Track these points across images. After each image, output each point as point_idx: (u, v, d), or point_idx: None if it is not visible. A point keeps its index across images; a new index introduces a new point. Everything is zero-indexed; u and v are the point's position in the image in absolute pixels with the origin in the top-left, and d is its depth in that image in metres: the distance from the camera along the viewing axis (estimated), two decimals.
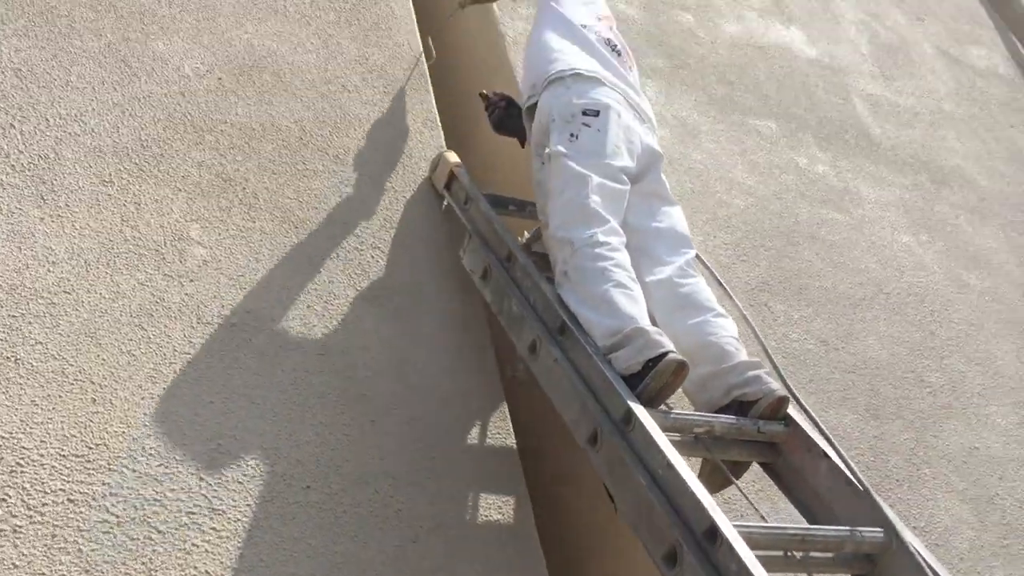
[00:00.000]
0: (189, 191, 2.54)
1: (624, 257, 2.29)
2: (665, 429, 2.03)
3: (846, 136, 4.28)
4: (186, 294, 2.35)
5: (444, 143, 3.11)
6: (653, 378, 2.05)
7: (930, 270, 3.86)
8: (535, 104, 2.67)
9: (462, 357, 2.62)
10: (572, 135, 2.49)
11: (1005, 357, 3.68)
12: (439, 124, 3.15)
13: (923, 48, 5.26)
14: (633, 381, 2.09)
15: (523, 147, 2.95)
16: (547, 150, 2.50)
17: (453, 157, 2.93)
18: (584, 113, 2.52)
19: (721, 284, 2.50)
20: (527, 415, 2.66)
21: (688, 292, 2.40)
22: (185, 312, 2.32)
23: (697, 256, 2.56)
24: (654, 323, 2.29)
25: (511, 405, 2.57)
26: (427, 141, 3.07)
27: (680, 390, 2.19)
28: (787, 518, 2.27)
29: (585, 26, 2.86)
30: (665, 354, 2.06)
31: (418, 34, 3.37)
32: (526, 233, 2.98)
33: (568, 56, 2.69)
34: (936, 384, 3.39)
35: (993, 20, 6.00)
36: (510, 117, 2.90)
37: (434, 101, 3.20)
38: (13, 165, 2.33)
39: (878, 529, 1.92)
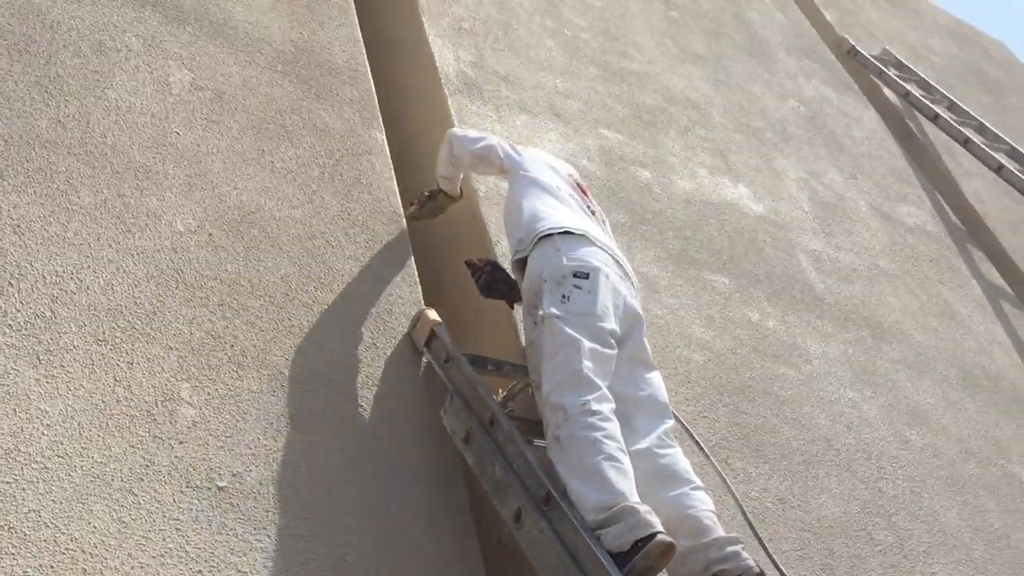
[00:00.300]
0: (180, 349, 2.57)
1: (615, 427, 2.38)
2: None
3: (793, 291, 4.50)
4: (176, 456, 2.37)
5: (422, 299, 3.21)
6: (642, 558, 2.13)
7: (875, 426, 4.04)
8: (524, 259, 2.79)
9: (442, 520, 2.67)
10: (564, 296, 2.61)
11: (947, 515, 3.84)
12: (417, 280, 3.26)
13: (858, 205, 5.59)
14: (621, 559, 2.16)
15: (511, 308, 3.07)
16: (540, 312, 2.61)
17: (433, 315, 3.02)
18: (575, 275, 2.65)
19: (702, 448, 2.62)
20: None
21: (667, 463, 2.51)
22: (175, 476, 2.33)
23: (674, 415, 2.69)
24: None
25: (494, 571, 2.61)
26: (406, 296, 3.17)
27: None
28: None
29: (560, 188, 3.04)
30: (655, 535, 2.14)
31: (397, 191, 3.51)
32: (500, 391, 3.07)
33: (555, 214, 2.85)
34: (885, 543, 3.52)
35: (920, 179, 6.41)
36: (496, 281, 3.01)
37: (413, 257, 3.31)
38: (10, 324, 2.35)
39: None
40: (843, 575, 3.28)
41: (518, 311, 3.12)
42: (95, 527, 2.15)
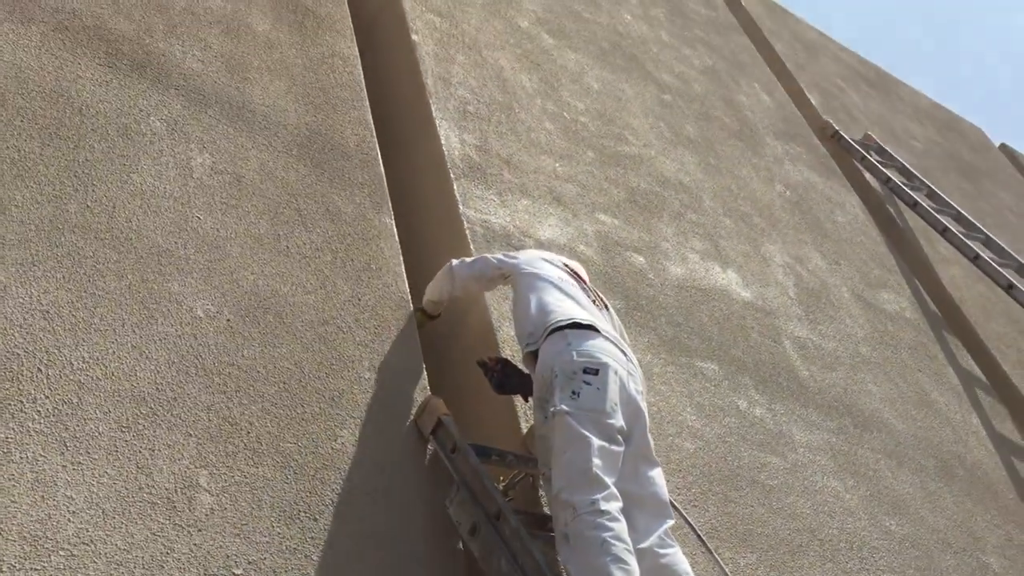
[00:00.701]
0: (199, 436, 2.65)
1: (622, 527, 2.48)
2: None
3: (779, 379, 4.63)
4: (194, 544, 2.44)
5: (428, 386, 3.31)
6: None
7: (857, 516, 4.16)
8: (535, 351, 2.91)
9: None
10: (574, 392, 2.72)
11: None
12: (423, 366, 3.35)
13: (841, 292, 5.76)
14: None
15: (526, 401, 3.17)
16: (552, 408, 2.71)
17: (440, 405, 3.12)
18: (585, 371, 2.76)
19: (705, 543, 2.71)
20: None
21: (667, 563, 2.61)
22: (193, 563, 2.40)
23: (681, 513, 2.80)
24: None
25: None
26: (413, 383, 3.26)
27: None
28: None
29: (562, 279, 3.17)
30: None
31: (405, 276, 3.62)
32: (501, 479, 3.16)
33: (563, 306, 2.98)
34: None
35: (899, 265, 6.61)
36: (508, 377, 3.12)
37: (420, 344, 3.41)
38: (39, 411, 2.43)
39: None
40: None
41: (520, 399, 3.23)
42: None
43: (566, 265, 3.35)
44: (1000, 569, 4.54)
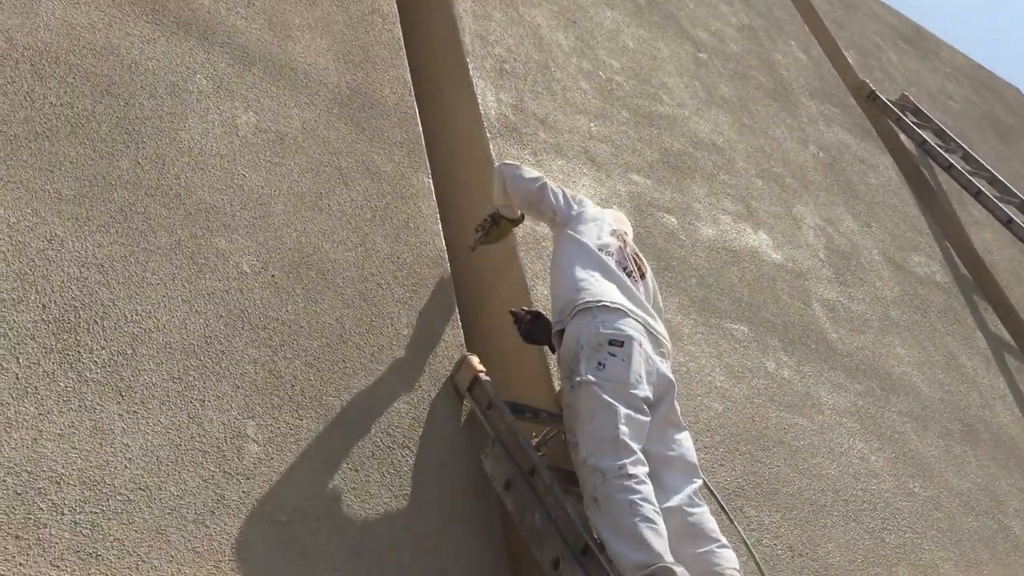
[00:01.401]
0: (246, 388, 2.76)
1: (649, 490, 2.57)
2: None
3: (807, 341, 4.69)
4: (243, 491, 2.56)
5: (464, 343, 3.39)
6: None
7: (881, 477, 4.23)
8: (563, 330, 2.98)
9: (482, 559, 2.85)
10: (600, 364, 2.79)
11: (945, 566, 4.03)
12: (460, 324, 3.44)
13: (872, 254, 5.77)
14: None
15: (553, 352, 3.24)
16: (578, 378, 2.79)
17: (476, 362, 3.20)
18: (610, 343, 2.83)
19: (726, 511, 2.81)
20: None
21: (696, 521, 2.70)
22: (242, 510, 2.52)
23: (704, 483, 2.89)
24: None
25: None
26: (450, 340, 3.35)
27: None
28: None
29: (601, 248, 3.19)
30: None
31: (442, 234, 3.69)
32: (534, 435, 3.26)
33: (593, 287, 3.02)
34: None
35: (931, 228, 6.60)
36: (536, 329, 3.20)
37: (456, 301, 3.49)
38: (96, 361, 2.54)
39: None
40: None
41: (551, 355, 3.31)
42: (172, 556, 2.34)
43: (614, 231, 3.34)
44: (1021, 532, 4.61)
